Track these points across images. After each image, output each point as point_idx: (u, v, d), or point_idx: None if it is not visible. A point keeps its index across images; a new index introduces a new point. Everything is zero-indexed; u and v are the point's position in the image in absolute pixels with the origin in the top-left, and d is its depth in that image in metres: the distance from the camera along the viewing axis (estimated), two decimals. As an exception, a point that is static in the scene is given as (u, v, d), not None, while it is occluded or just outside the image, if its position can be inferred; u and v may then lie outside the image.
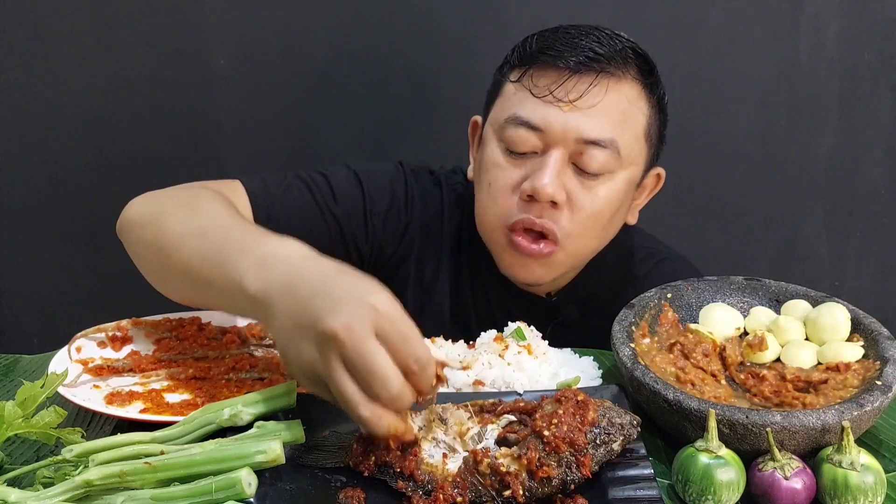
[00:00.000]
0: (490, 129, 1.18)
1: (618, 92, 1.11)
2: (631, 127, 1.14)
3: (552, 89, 1.10)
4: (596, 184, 1.12)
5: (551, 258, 1.15)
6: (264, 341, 1.08)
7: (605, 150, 1.10)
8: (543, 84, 1.11)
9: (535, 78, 1.12)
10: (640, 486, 0.76)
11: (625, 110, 1.12)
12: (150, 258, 1.01)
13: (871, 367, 0.89)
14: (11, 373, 1.07)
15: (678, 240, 1.40)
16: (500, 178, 1.14)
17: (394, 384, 0.72)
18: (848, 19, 1.82)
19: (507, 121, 1.13)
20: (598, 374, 1.03)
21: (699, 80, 1.84)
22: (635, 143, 1.15)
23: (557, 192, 1.09)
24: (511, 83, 1.16)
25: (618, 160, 1.12)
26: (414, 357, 0.73)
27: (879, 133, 1.90)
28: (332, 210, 1.22)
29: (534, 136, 1.11)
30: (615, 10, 1.76)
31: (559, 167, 1.10)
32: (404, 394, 0.73)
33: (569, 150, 1.11)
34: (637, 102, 1.14)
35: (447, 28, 1.78)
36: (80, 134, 1.83)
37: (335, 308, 0.72)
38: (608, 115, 1.10)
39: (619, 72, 1.12)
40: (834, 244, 1.98)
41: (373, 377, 0.71)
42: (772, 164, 1.91)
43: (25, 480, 0.79)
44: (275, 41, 1.79)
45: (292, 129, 1.86)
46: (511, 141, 1.13)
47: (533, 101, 1.11)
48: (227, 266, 0.84)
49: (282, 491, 0.75)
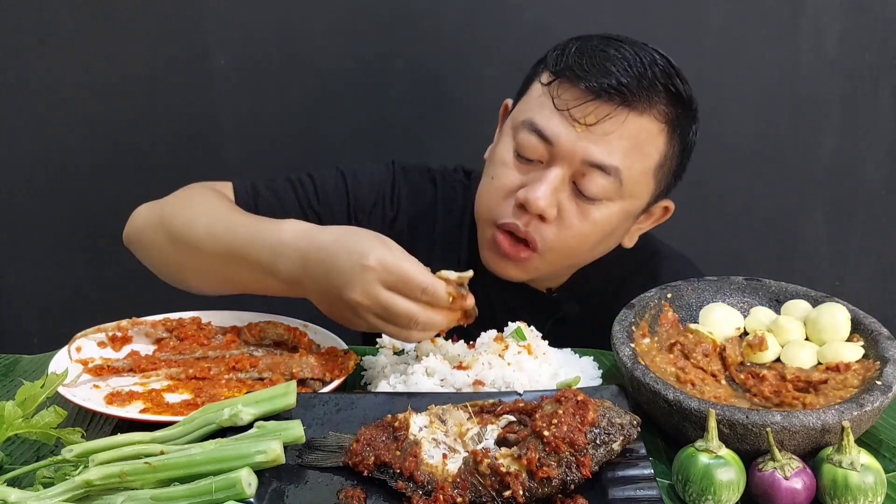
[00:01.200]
0: (509, 124, 1.19)
1: (636, 124, 1.10)
2: (641, 161, 1.12)
3: (571, 106, 1.10)
4: (591, 208, 1.12)
5: (527, 263, 1.16)
6: (264, 341, 1.08)
7: (607, 176, 1.10)
8: (566, 98, 1.11)
9: (560, 89, 1.12)
10: (640, 486, 0.76)
11: (639, 144, 1.11)
12: (166, 258, 1.12)
13: (871, 367, 0.89)
14: (11, 373, 1.07)
15: (678, 240, 1.40)
16: (503, 177, 1.16)
17: (418, 316, 0.91)
18: (849, 20, 1.82)
19: (524, 123, 1.14)
20: (598, 374, 1.03)
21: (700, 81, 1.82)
22: (642, 177, 1.14)
23: (549, 208, 1.10)
24: (540, 84, 1.16)
25: (618, 190, 1.12)
26: (419, 290, 0.90)
27: (880, 134, 1.90)
28: (313, 207, 1.27)
29: (542, 147, 1.12)
30: (616, 10, 1.76)
31: (557, 184, 1.11)
32: (431, 318, 0.92)
33: (572, 170, 1.11)
34: (654, 138, 1.13)
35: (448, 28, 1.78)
36: (80, 134, 1.84)
37: (347, 281, 0.91)
38: (620, 145, 1.10)
39: (641, 105, 1.10)
40: (834, 244, 1.98)
41: (400, 318, 0.91)
42: (772, 164, 1.91)
43: (25, 480, 0.79)
44: (275, 41, 1.80)
45: (292, 128, 1.86)
46: (521, 145, 1.13)
47: (551, 111, 1.11)
48: (249, 260, 1.00)
49: (282, 491, 0.75)
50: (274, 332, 1.08)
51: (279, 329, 1.08)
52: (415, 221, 1.32)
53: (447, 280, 0.93)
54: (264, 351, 1.05)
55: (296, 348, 1.06)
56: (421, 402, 0.85)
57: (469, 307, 0.95)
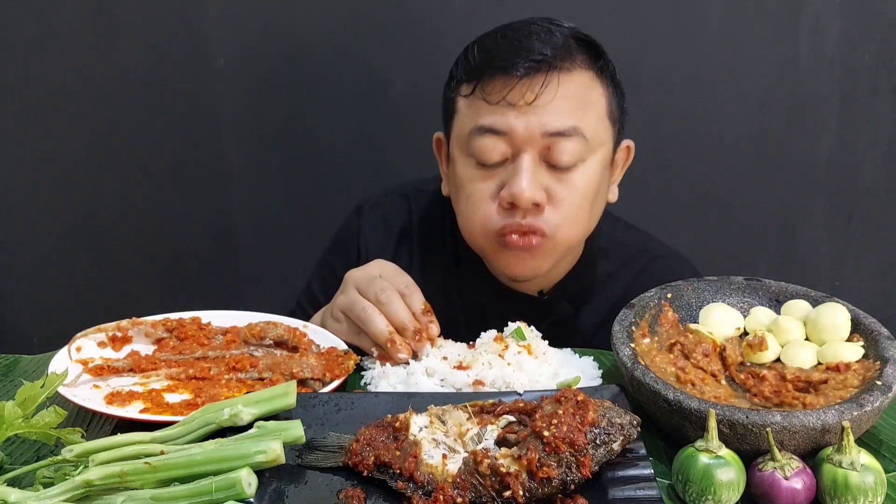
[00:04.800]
0: (455, 146, 1.18)
1: (570, 83, 1.12)
2: (592, 111, 1.14)
3: (505, 95, 1.10)
4: (571, 175, 1.13)
5: (542, 248, 1.15)
6: (264, 341, 1.08)
7: (571, 138, 1.11)
8: (496, 91, 1.11)
9: (486, 88, 1.12)
10: (640, 486, 0.76)
11: (581, 97, 1.13)
12: None
13: (871, 367, 0.89)
14: (11, 373, 1.07)
15: (678, 240, 1.40)
16: (476, 192, 1.15)
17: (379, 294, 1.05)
18: (848, 20, 1.82)
19: (471, 133, 1.13)
20: (598, 374, 1.03)
21: (699, 81, 1.84)
22: (599, 124, 1.15)
23: (536, 193, 1.10)
24: (463, 98, 1.16)
25: (586, 146, 1.12)
26: (404, 283, 1.08)
27: (879, 134, 1.90)
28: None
29: (501, 142, 1.11)
30: (615, 10, 1.76)
31: (532, 168, 1.11)
32: (391, 299, 1.04)
33: (537, 149, 1.11)
34: (592, 86, 1.15)
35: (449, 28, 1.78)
36: (80, 134, 1.83)
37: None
38: (566, 106, 1.11)
39: (566, 64, 1.12)
40: (834, 244, 1.98)
41: (359, 304, 1.05)
42: (772, 164, 1.91)
43: (25, 480, 0.79)
44: (275, 41, 1.79)
45: (292, 129, 1.86)
46: (479, 151, 1.13)
47: (490, 108, 1.12)
48: None
49: (282, 491, 0.75)
50: (274, 332, 1.08)
51: (279, 329, 1.08)
52: (383, 248, 1.34)
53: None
54: (264, 351, 1.05)
55: (296, 348, 1.06)
56: (421, 402, 0.86)
57: (433, 335, 1.05)
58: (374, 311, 1.04)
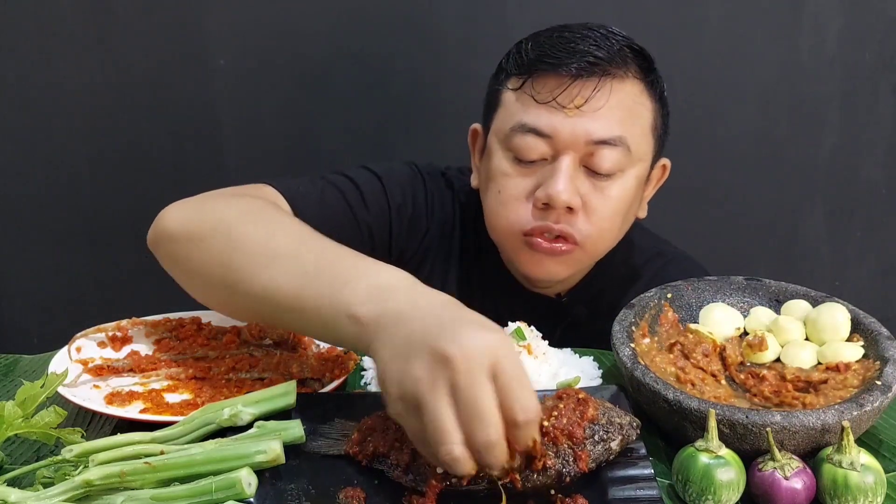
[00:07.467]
0: (494, 139, 1.17)
1: (621, 91, 1.11)
2: (638, 123, 1.13)
3: (556, 95, 1.09)
4: (608, 184, 1.12)
5: (569, 255, 1.14)
6: (264, 341, 1.08)
7: (615, 148, 1.10)
8: (546, 91, 1.10)
9: (536, 85, 1.11)
10: (640, 486, 0.76)
11: (630, 108, 1.12)
12: (209, 277, 0.92)
13: (871, 367, 0.89)
14: (11, 373, 1.07)
15: (678, 240, 1.40)
16: (510, 187, 1.13)
17: (494, 428, 0.65)
18: (849, 19, 1.82)
19: (514, 129, 1.12)
20: (598, 374, 1.03)
21: (700, 80, 1.84)
22: (643, 138, 1.15)
23: (572, 198, 1.09)
24: (511, 91, 1.15)
25: (628, 157, 1.12)
26: (522, 405, 0.66)
27: (880, 133, 1.90)
28: (365, 218, 1.22)
29: (542, 143, 1.10)
30: (615, 10, 1.76)
31: (571, 172, 1.10)
32: (501, 445, 0.66)
33: (579, 154, 1.10)
34: (641, 99, 1.14)
35: (448, 28, 1.78)
36: (81, 134, 1.83)
37: (457, 333, 0.67)
38: (615, 115, 1.10)
39: (620, 72, 1.11)
40: (834, 244, 1.98)
41: (476, 412, 0.65)
42: (772, 163, 1.91)
43: (25, 480, 0.79)
44: (275, 41, 1.79)
45: (292, 129, 1.86)
46: (519, 149, 1.12)
47: (537, 107, 1.10)
48: (333, 293, 0.79)
49: (282, 491, 0.75)
50: (274, 332, 1.08)
51: (279, 329, 1.08)
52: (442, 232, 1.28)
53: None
54: (264, 351, 1.05)
55: (296, 348, 1.06)
56: (421, 401, 0.85)
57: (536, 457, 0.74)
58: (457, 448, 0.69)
